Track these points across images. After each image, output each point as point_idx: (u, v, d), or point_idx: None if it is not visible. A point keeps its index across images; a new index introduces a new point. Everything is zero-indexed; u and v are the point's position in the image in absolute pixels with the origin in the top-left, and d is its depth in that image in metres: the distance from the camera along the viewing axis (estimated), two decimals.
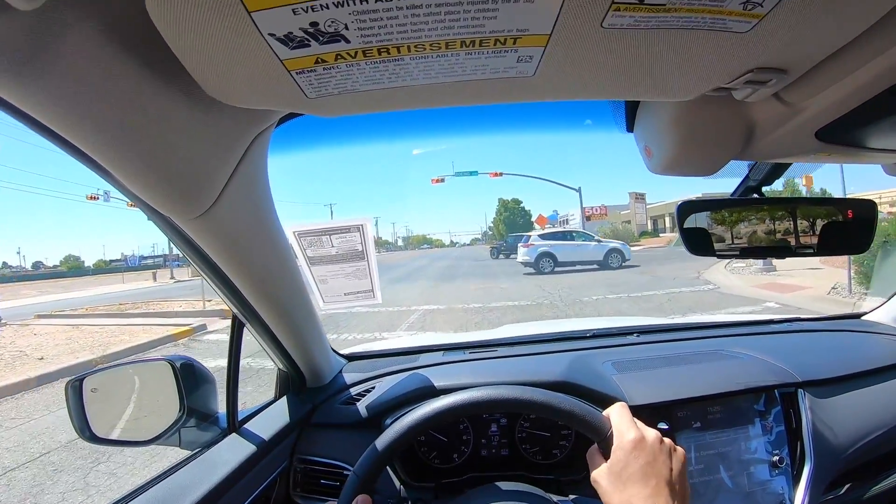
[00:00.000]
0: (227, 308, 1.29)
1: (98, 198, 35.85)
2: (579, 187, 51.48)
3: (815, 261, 14.90)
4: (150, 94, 0.65)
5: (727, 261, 17.84)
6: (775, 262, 14.80)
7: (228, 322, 1.39)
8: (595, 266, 23.38)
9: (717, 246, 1.33)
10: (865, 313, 2.30)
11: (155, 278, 40.95)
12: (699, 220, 1.34)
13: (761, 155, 1.14)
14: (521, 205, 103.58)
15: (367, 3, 0.49)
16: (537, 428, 1.54)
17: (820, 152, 1.06)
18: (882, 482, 1.59)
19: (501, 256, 39.36)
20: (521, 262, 24.52)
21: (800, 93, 0.82)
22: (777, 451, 1.47)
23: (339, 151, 1.45)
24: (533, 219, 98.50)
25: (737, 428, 1.49)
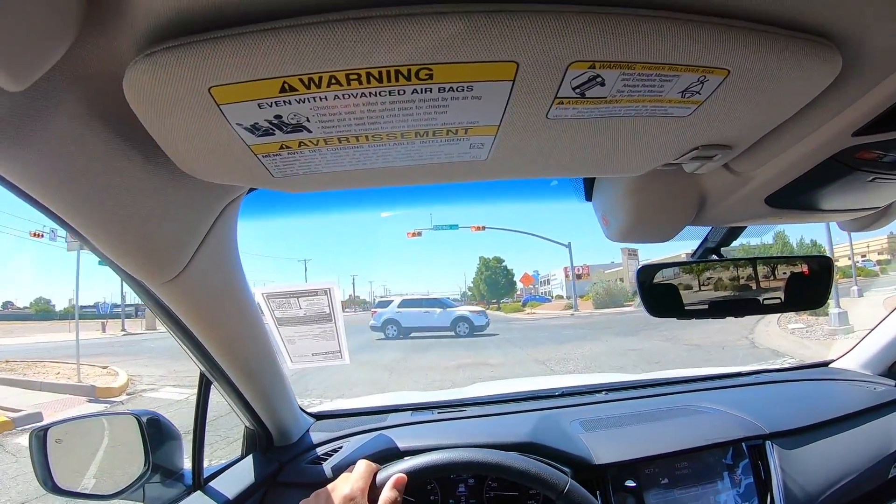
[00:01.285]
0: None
1: (43, 235, 35.21)
2: (569, 243, 50.91)
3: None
4: (126, 169, 0.73)
5: (775, 319, 17.24)
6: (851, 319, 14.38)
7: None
8: (449, 333, 23.69)
9: (686, 305, 1.46)
10: (832, 361, 2.44)
11: (104, 329, 39.85)
12: (664, 279, 1.47)
13: (715, 221, 1.27)
14: (503, 263, 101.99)
15: (326, 100, 0.57)
16: (505, 488, 1.62)
17: (771, 216, 1.18)
18: None
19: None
20: (370, 327, 25.18)
21: (747, 163, 0.92)
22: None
23: (312, 217, 1.54)
24: (516, 278, 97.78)
25: (705, 483, 1.61)
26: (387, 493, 1.19)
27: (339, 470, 1.54)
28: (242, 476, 1.56)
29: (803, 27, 0.57)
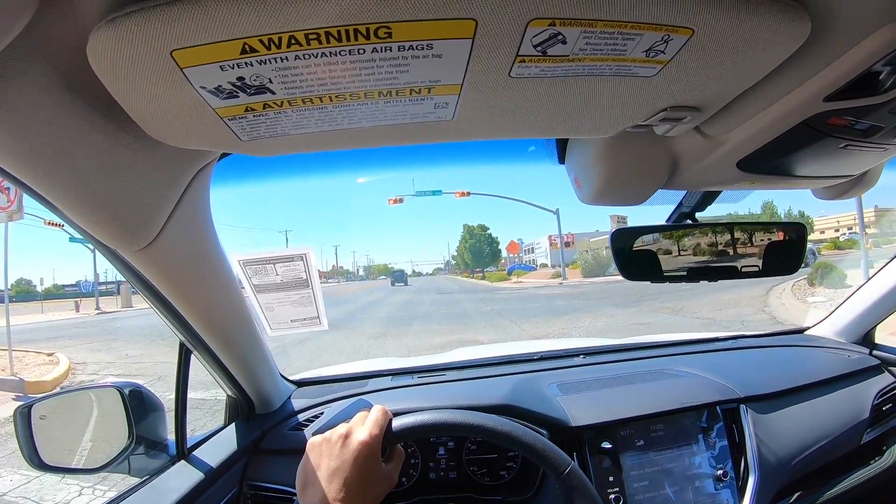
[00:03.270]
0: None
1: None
2: (557, 209, 50.53)
3: None
4: (94, 136, 0.73)
5: (788, 288, 16.82)
6: None
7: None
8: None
9: (654, 273, 1.49)
10: (809, 328, 2.54)
11: (78, 308, 39.38)
12: (644, 244, 1.50)
13: (687, 185, 1.29)
14: (488, 231, 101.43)
15: (287, 60, 0.58)
16: (485, 451, 1.69)
17: (743, 181, 1.20)
18: (833, 488, 1.81)
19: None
20: None
21: (719, 127, 0.94)
22: (721, 466, 1.66)
23: (288, 182, 1.55)
24: (501, 246, 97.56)
25: (680, 444, 1.68)
26: (397, 450, 1.24)
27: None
28: (225, 444, 1.60)
29: None
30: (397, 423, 1.22)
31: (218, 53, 0.56)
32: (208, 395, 6.86)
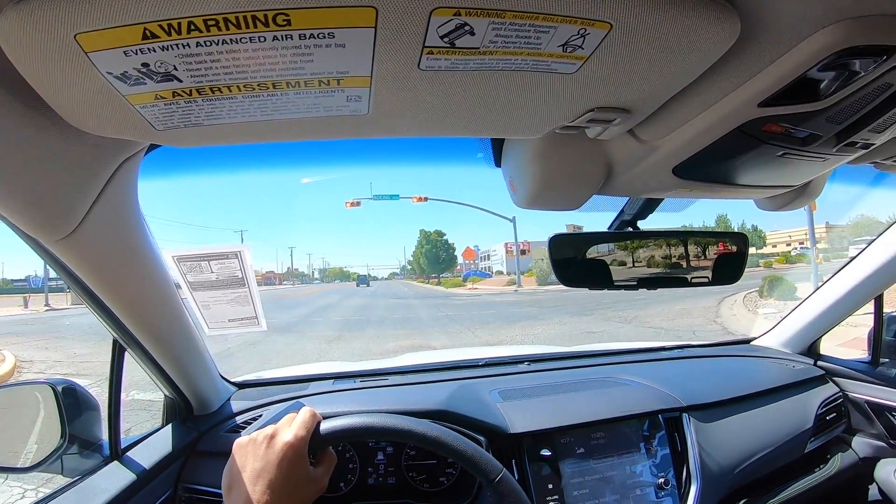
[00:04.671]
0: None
1: None
2: (514, 217, 50.90)
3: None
4: (10, 121, 0.73)
5: (739, 299, 17.22)
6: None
7: None
8: None
9: (592, 279, 1.52)
10: (755, 338, 2.61)
11: (27, 305, 38.57)
12: (582, 252, 1.51)
13: (623, 191, 1.31)
14: (445, 237, 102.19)
15: (189, 47, 0.58)
16: (423, 456, 1.71)
17: (681, 188, 1.21)
18: (777, 496, 1.86)
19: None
20: None
21: (653, 131, 0.95)
22: (663, 474, 1.71)
23: (223, 177, 1.55)
24: (458, 252, 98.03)
25: (621, 453, 1.72)
26: (328, 453, 1.25)
27: None
28: (160, 446, 1.59)
29: None
30: (325, 425, 1.23)
31: (120, 38, 0.56)
32: (158, 396, 6.78)
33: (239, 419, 1.76)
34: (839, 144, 0.94)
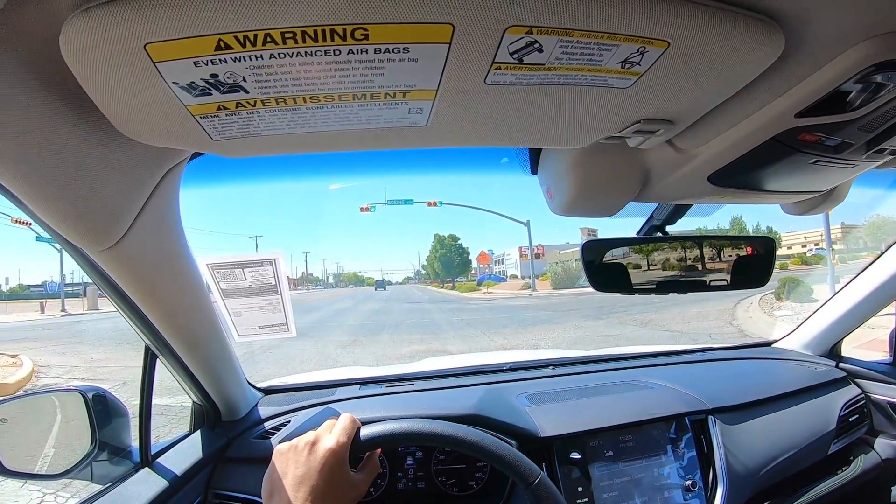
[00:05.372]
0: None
1: None
2: (528, 220, 50.84)
3: None
4: (63, 130, 0.73)
5: (755, 302, 17.05)
6: None
7: None
8: None
9: (625, 284, 1.50)
10: (776, 341, 2.59)
11: (43, 309, 38.79)
12: (614, 257, 1.51)
13: (659, 197, 1.31)
14: (459, 241, 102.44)
15: (262, 59, 0.58)
16: (453, 461, 1.71)
17: (714, 195, 1.22)
18: (800, 498, 1.85)
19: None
20: None
21: (691, 140, 0.96)
22: (690, 476, 1.70)
23: (260, 186, 1.55)
24: (472, 257, 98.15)
25: (649, 455, 1.71)
26: (373, 460, 1.26)
27: None
28: (190, 452, 1.59)
29: (747, 4, 0.60)
30: (366, 431, 1.23)
31: (192, 49, 0.56)
32: (174, 401, 6.78)
33: (267, 425, 1.75)
34: (869, 151, 0.96)
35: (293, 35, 0.55)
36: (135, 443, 1.52)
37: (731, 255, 1.56)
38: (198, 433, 1.69)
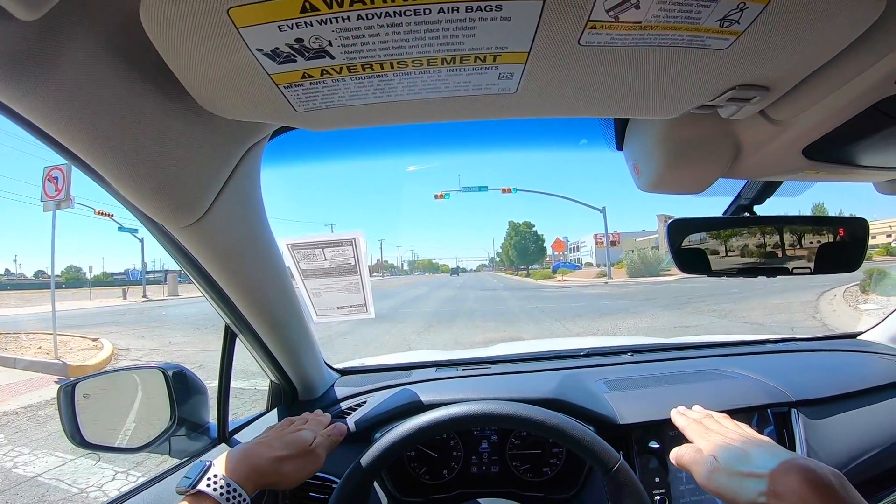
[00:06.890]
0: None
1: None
2: (603, 207, 50.45)
3: None
4: (145, 105, 0.72)
5: (839, 293, 16.49)
6: None
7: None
8: None
9: (713, 265, 1.45)
10: (861, 333, 2.45)
11: (125, 296, 40.36)
12: (692, 239, 1.46)
13: (749, 173, 1.25)
14: (534, 228, 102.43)
15: (349, 20, 0.56)
16: (528, 445, 1.68)
17: (808, 170, 1.16)
18: (886, 498, 1.72)
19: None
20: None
21: (785, 110, 0.90)
22: None
23: (336, 166, 1.54)
24: (546, 244, 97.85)
25: None
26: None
27: (361, 424, 1.59)
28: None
29: None
30: (451, 409, 1.26)
31: (277, 11, 0.54)
32: (248, 384, 6.92)
33: (343, 405, 1.75)
34: None
35: None
36: (212, 420, 1.56)
37: (817, 239, 1.49)
38: (274, 411, 1.71)
